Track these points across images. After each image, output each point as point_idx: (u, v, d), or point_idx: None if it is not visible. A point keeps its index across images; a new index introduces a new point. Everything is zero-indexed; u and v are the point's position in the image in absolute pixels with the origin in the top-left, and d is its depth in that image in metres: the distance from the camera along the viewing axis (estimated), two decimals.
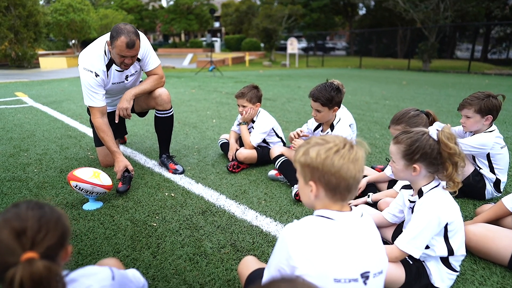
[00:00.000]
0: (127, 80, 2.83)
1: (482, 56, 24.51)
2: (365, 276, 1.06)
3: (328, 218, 1.08)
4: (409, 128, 2.09)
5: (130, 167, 2.63)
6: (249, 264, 1.44)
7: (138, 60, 2.77)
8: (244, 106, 3.05)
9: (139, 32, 2.64)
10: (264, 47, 28.91)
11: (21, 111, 5.60)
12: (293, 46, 20.79)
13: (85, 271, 0.97)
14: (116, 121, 2.79)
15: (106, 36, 2.62)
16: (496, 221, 1.96)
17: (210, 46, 17.98)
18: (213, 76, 13.06)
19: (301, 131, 2.70)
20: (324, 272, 1.01)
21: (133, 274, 1.20)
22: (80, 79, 2.65)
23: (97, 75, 2.61)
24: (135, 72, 2.85)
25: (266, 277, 1.19)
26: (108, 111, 2.99)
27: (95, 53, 2.60)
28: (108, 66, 2.66)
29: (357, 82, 11.76)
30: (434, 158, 1.46)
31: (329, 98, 2.47)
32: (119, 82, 2.80)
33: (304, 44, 33.85)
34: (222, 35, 48.09)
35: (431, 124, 2.17)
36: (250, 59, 24.75)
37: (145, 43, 2.72)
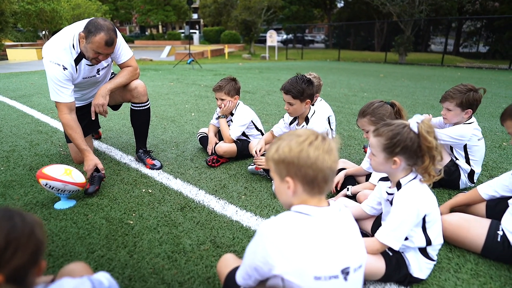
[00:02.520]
0: (99, 74, 2.70)
1: (455, 49, 25.32)
2: (345, 272, 1.05)
3: (306, 214, 1.06)
4: (375, 119, 2.11)
5: (100, 166, 2.51)
6: (227, 262, 1.41)
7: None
8: (222, 100, 2.99)
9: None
10: (244, 40, 28.67)
11: None
12: (273, 38, 20.70)
13: (62, 285, 0.88)
14: (93, 118, 2.66)
15: (73, 29, 2.48)
16: (467, 208, 2.02)
17: (189, 38, 17.61)
18: (191, 68, 12.84)
19: (260, 149, 2.68)
20: (303, 270, 0.99)
21: (105, 277, 1.13)
22: (46, 73, 2.49)
23: (65, 68, 2.46)
24: (107, 65, 2.73)
25: (241, 276, 1.16)
26: (78, 105, 2.86)
27: (61, 46, 2.45)
28: (77, 61, 2.51)
29: (336, 74, 11.87)
30: (414, 151, 1.46)
31: (300, 90, 2.45)
32: (90, 77, 2.67)
33: (283, 36, 33.80)
34: (201, 27, 47.33)
35: (396, 114, 2.16)
36: (230, 52, 24.50)
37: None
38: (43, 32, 20.73)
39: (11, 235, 0.72)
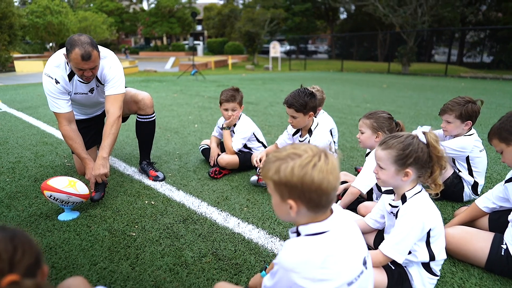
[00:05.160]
0: (92, 93, 2.69)
1: (458, 59, 25.39)
2: (364, 262, 1.10)
3: (321, 233, 1.04)
4: (376, 125, 2.17)
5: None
6: None
7: (100, 82, 2.62)
8: (233, 110, 2.99)
9: (105, 48, 2.56)
10: (247, 51, 28.97)
11: None
12: (276, 49, 20.92)
13: None
14: (92, 189, 2.50)
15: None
16: (471, 222, 2.01)
17: (193, 50, 17.84)
18: (195, 80, 12.96)
19: (261, 158, 2.71)
20: (338, 285, 1.01)
21: None
22: (43, 85, 2.54)
23: (57, 82, 2.49)
24: (98, 87, 2.69)
25: None
26: (81, 118, 2.90)
27: (56, 62, 2.50)
28: (70, 77, 2.54)
29: (339, 85, 11.92)
30: (425, 162, 1.46)
31: (303, 103, 2.47)
32: (82, 93, 2.65)
33: (286, 47, 34.11)
34: (205, 38, 47.91)
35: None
36: (233, 63, 24.74)
37: (114, 64, 2.57)
38: (50, 44, 21.14)
39: (15, 240, 0.76)
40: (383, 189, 1.74)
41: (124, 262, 1.83)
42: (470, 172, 2.43)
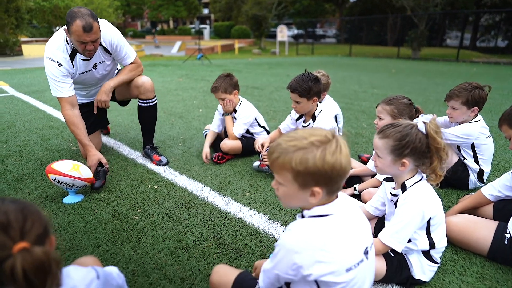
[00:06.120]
0: (95, 69, 2.69)
1: (471, 44, 24.68)
2: (366, 252, 1.10)
3: (325, 215, 1.05)
4: (396, 112, 2.11)
5: (104, 161, 2.54)
6: (226, 270, 1.37)
7: (108, 52, 2.65)
8: (222, 99, 2.98)
9: (105, 21, 2.55)
10: (254, 35, 28.56)
11: (1, 101, 5.43)
12: (283, 33, 20.58)
13: (69, 272, 0.94)
14: (95, 112, 2.70)
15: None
16: (475, 210, 1.98)
17: (199, 34, 17.64)
18: (201, 64, 12.87)
19: (263, 144, 2.75)
20: (337, 269, 1.01)
21: (112, 270, 1.17)
22: (45, 69, 2.53)
23: (60, 65, 2.48)
24: (103, 61, 2.70)
25: (265, 284, 1.15)
26: (84, 102, 2.90)
27: (56, 44, 2.48)
28: (72, 56, 2.53)
29: (347, 70, 11.73)
30: (423, 152, 1.43)
31: (306, 88, 2.43)
32: (87, 71, 2.66)
33: (294, 31, 33.53)
34: (211, 22, 47.28)
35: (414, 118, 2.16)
36: (240, 47, 24.46)
37: (115, 35, 2.61)
38: (57, 28, 21.03)
39: (25, 210, 0.80)
40: (383, 176, 1.72)
41: (127, 245, 1.86)
42: (476, 160, 2.39)
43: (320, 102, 3.00)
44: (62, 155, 3.13)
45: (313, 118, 2.62)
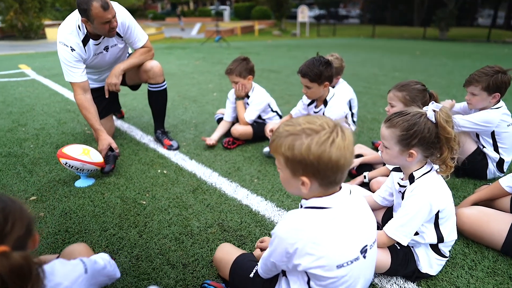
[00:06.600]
0: (107, 51, 2.70)
1: (505, 22, 23.17)
2: (364, 251, 1.06)
3: (322, 208, 1.02)
4: (409, 98, 1.98)
5: (114, 145, 2.56)
6: (229, 249, 1.42)
7: (120, 36, 2.66)
8: (235, 82, 2.92)
9: (116, 3, 2.55)
10: (274, 16, 27.92)
11: (23, 84, 5.59)
12: (304, 14, 19.99)
13: (53, 268, 0.92)
14: (107, 96, 2.73)
15: (77, 10, 2.50)
16: (491, 202, 1.88)
17: (219, 15, 17.40)
18: (219, 46, 12.76)
19: (272, 129, 2.68)
20: (326, 263, 0.99)
21: (103, 258, 1.17)
22: (58, 54, 2.55)
23: (73, 50, 2.50)
24: (115, 44, 2.71)
25: (263, 270, 1.19)
26: (96, 86, 2.93)
27: (69, 28, 2.49)
28: (85, 42, 2.54)
29: (368, 52, 11.33)
30: (432, 143, 1.35)
31: (317, 73, 2.34)
32: (98, 53, 2.66)
33: (316, 11, 32.54)
34: (232, 2, 46.54)
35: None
36: (260, 29, 24.02)
37: (127, 17, 2.61)
38: None
39: (6, 210, 0.77)
40: (391, 166, 1.65)
41: (133, 230, 1.89)
42: (496, 148, 2.25)
43: (333, 87, 2.90)
44: (77, 139, 3.20)
45: (325, 103, 2.54)
